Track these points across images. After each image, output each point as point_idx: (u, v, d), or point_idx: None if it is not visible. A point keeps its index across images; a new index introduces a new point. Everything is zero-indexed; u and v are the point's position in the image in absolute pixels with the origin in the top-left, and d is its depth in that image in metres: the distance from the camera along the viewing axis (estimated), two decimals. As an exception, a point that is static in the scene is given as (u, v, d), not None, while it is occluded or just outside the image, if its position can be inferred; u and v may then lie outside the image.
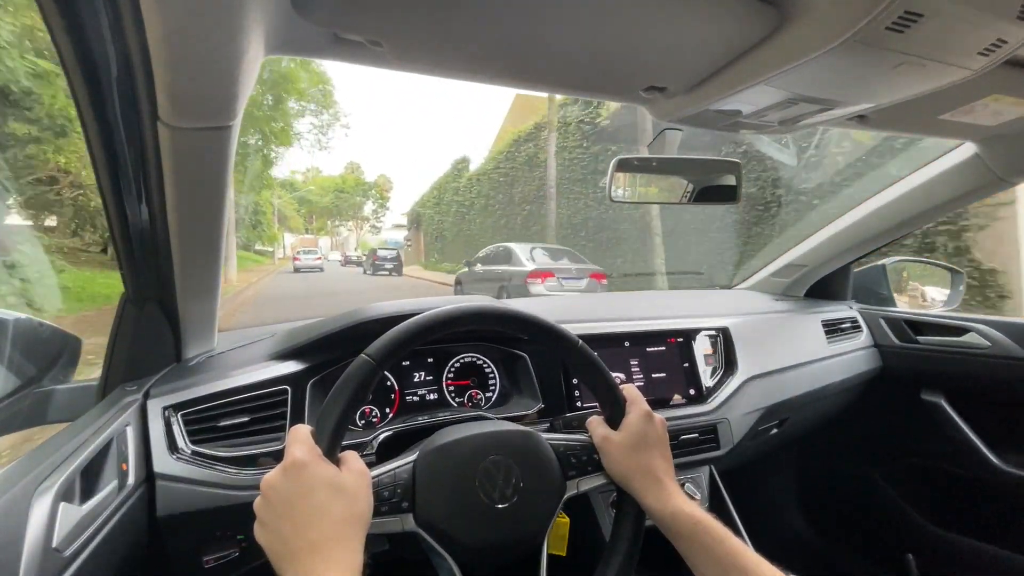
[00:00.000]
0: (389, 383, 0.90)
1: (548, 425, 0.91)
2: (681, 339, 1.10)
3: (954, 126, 0.88)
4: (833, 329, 1.36)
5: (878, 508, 1.46)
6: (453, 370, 0.95)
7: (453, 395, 0.94)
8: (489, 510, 0.57)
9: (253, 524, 0.49)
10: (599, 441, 0.64)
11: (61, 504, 0.48)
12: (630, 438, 0.62)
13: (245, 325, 1.05)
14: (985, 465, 1.21)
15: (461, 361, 0.96)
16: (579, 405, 0.96)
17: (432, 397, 0.92)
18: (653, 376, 1.04)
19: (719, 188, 1.03)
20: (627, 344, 1.04)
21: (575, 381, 0.97)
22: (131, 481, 0.62)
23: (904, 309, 1.50)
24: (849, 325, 1.42)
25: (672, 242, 7.73)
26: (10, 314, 0.76)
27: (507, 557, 0.60)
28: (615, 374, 0.78)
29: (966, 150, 1.08)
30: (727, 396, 1.06)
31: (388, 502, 0.55)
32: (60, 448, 0.54)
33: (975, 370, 1.24)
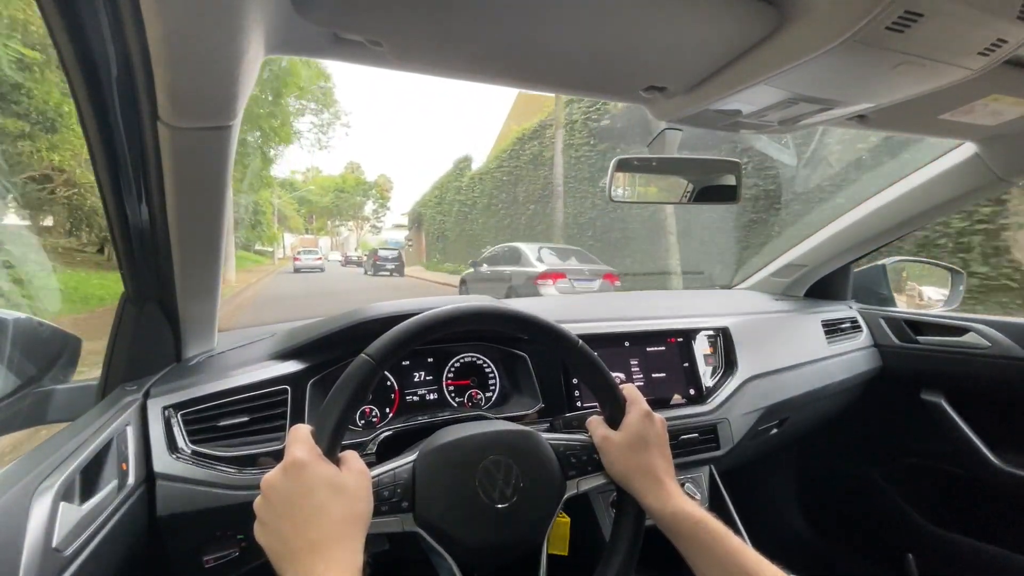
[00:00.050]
0: (389, 383, 0.90)
1: (548, 425, 0.91)
2: (681, 339, 1.10)
3: (954, 126, 0.88)
4: (833, 329, 1.37)
5: (878, 508, 1.46)
6: (453, 370, 0.95)
7: (453, 395, 0.94)
8: (489, 510, 0.57)
9: (253, 524, 0.49)
10: (599, 441, 0.64)
11: (61, 504, 0.48)
12: (630, 438, 0.62)
13: (245, 325, 1.05)
14: (985, 465, 1.21)
15: (461, 361, 0.96)
16: (579, 405, 0.95)
17: (432, 397, 0.92)
18: (653, 376, 1.04)
19: (719, 188, 1.03)
20: (627, 344, 1.04)
21: (575, 381, 0.97)
22: (131, 481, 0.62)
23: (904, 309, 1.50)
24: (849, 325, 1.42)
25: (686, 242, 7.49)
26: (10, 314, 0.76)
27: (507, 557, 0.60)
28: (615, 374, 0.78)
29: (966, 150, 1.08)
30: (727, 396, 1.06)
31: (388, 502, 0.55)
32: (60, 448, 0.54)
33: (975, 370, 1.24)
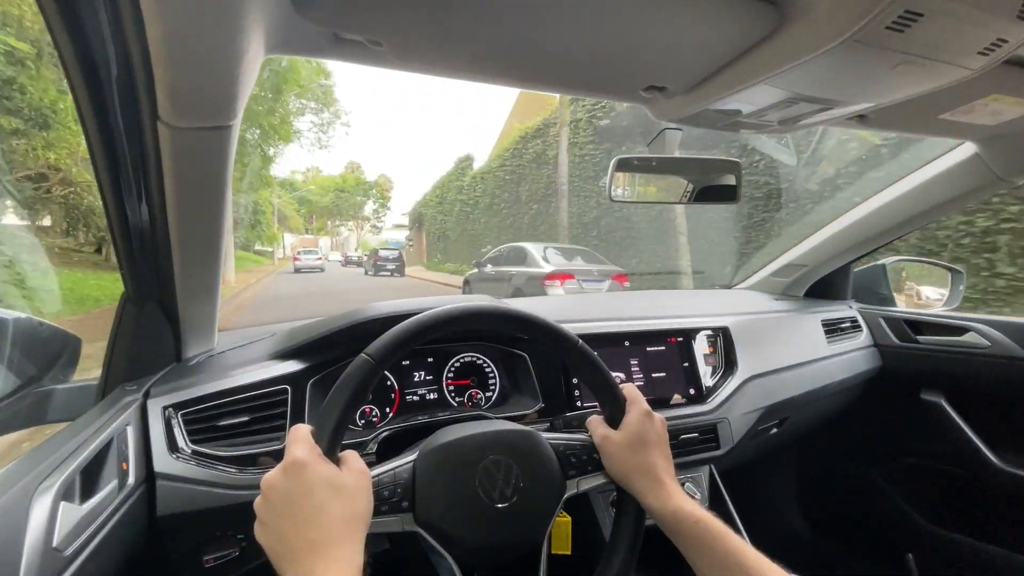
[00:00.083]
0: (389, 383, 0.90)
1: (548, 425, 0.91)
2: (681, 339, 1.10)
3: (954, 126, 0.88)
4: (833, 329, 1.37)
5: (878, 508, 1.46)
6: (453, 370, 0.95)
7: (453, 395, 0.94)
8: (489, 510, 0.57)
9: (253, 524, 0.49)
10: (599, 440, 0.64)
11: (61, 503, 0.48)
12: (630, 437, 0.62)
13: (245, 325, 1.05)
14: (985, 465, 1.21)
15: (461, 361, 0.96)
16: (579, 405, 0.95)
17: (432, 397, 0.92)
18: (653, 376, 1.04)
19: (719, 188, 1.03)
20: (627, 344, 1.04)
21: (575, 380, 0.97)
22: (131, 481, 0.62)
23: (904, 309, 1.50)
24: (849, 325, 1.42)
25: (694, 243, 7.33)
26: (10, 314, 0.76)
27: (507, 557, 0.60)
28: (615, 374, 0.78)
29: (966, 150, 1.08)
30: (727, 396, 1.06)
31: (388, 501, 0.55)
32: (60, 448, 0.54)
33: (975, 370, 1.24)
